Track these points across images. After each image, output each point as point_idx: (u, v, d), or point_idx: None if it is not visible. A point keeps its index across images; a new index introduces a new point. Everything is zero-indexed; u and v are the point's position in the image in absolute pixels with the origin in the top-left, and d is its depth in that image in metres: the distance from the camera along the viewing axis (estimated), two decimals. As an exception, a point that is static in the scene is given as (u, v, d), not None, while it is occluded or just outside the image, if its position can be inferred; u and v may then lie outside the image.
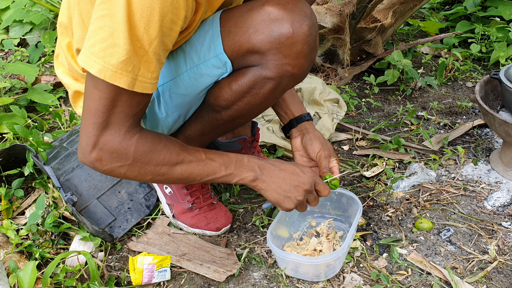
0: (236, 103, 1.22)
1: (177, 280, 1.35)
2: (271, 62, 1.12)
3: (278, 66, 1.12)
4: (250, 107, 1.22)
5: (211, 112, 1.28)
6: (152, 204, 1.57)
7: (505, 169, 1.74)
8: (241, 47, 1.12)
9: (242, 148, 1.64)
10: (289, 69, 1.12)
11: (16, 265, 1.26)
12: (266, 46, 1.09)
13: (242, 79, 1.17)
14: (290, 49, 1.09)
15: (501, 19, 2.77)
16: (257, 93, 1.18)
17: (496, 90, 1.84)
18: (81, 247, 1.40)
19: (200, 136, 1.37)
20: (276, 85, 1.16)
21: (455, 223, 1.54)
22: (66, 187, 1.51)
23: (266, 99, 1.21)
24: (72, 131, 1.73)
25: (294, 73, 1.14)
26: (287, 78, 1.15)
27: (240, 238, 1.50)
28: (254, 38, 1.10)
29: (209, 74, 1.17)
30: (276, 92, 1.19)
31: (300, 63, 1.12)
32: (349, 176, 1.77)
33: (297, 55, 1.10)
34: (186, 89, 1.21)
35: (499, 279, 1.34)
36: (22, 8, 2.69)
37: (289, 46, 1.09)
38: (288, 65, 1.12)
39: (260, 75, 1.15)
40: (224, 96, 1.21)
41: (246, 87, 1.17)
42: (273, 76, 1.14)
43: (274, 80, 1.15)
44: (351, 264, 1.39)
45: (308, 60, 1.13)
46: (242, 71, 1.17)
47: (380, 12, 2.35)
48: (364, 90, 2.40)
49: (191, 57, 1.17)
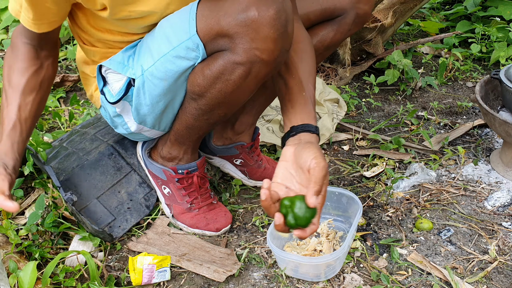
0: (209, 90, 1.22)
1: (177, 280, 1.35)
2: (239, 46, 1.12)
3: (246, 51, 1.11)
4: (224, 95, 1.22)
5: (190, 101, 1.30)
6: (152, 204, 1.57)
7: (505, 169, 1.74)
8: (211, 30, 1.13)
9: (240, 153, 1.63)
10: (257, 54, 1.11)
11: (16, 265, 1.26)
12: (234, 29, 1.10)
13: (213, 63, 1.18)
14: (257, 33, 1.09)
15: (501, 19, 2.77)
16: (227, 79, 1.18)
17: (496, 90, 1.84)
18: (80, 247, 1.40)
19: (187, 130, 1.38)
20: (246, 71, 1.15)
21: (455, 223, 1.54)
22: (66, 186, 1.51)
23: (239, 87, 1.20)
24: (72, 131, 1.73)
25: (263, 59, 1.12)
26: (257, 64, 1.14)
27: (240, 238, 1.50)
28: (223, 20, 1.11)
29: (185, 57, 1.19)
30: (249, 79, 1.18)
31: (268, 48, 1.10)
32: (349, 176, 1.77)
33: (264, 39, 1.09)
34: (165, 74, 1.23)
35: (499, 279, 1.34)
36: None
37: (255, 30, 1.09)
38: (256, 50, 1.11)
39: (229, 60, 1.15)
40: (198, 81, 1.22)
41: (217, 72, 1.18)
42: (242, 61, 1.13)
43: (243, 65, 1.14)
44: (351, 264, 1.39)
45: (277, 45, 1.11)
46: (214, 56, 1.18)
47: (380, 12, 2.35)
48: (364, 90, 2.39)
49: (170, 40, 1.19)
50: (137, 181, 1.58)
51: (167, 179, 1.49)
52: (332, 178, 1.76)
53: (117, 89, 1.34)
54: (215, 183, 1.70)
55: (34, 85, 1.29)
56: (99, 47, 1.35)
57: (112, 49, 1.34)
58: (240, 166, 1.67)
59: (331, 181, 1.74)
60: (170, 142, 1.46)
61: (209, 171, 1.70)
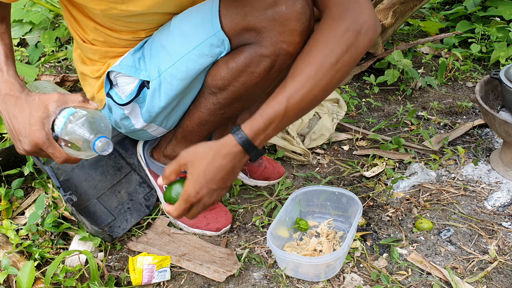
0: (232, 83, 1.24)
1: (177, 280, 1.35)
2: (266, 39, 1.15)
3: (273, 43, 1.15)
4: (247, 88, 1.25)
5: (208, 96, 1.30)
6: (152, 204, 1.57)
7: (505, 169, 1.74)
8: (238, 25, 1.16)
9: None
10: (284, 47, 1.16)
11: (8, 262, 1.26)
12: (261, 24, 1.13)
13: (239, 56, 1.20)
14: (284, 26, 1.13)
15: (501, 19, 2.77)
16: (253, 72, 1.21)
17: (496, 90, 1.84)
18: (80, 247, 1.40)
19: (198, 126, 1.38)
20: (271, 63, 1.19)
21: (455, 223, 1.54)
22: (66, 187, 1.51)
23: (262, 79, 1.23)
24: (72, 131, 1.73)
25: (289, 51, 1.16)
26: (282, 57, 1.18)
27: (240, 238, 1.50)
28: (250, 15, 1.14)
29: (209, 54, 1.21)
30: (272, 71, 1.21)
31: (295, 41, 1.15)
32: (349, 176, 1.77)
33: (291, 32, 1.14)
34: (186, 73, 1.24)
35: (499, 279, 1.34)
36: (22, 8, 2.69)
37: (283, 23, 1.12)
38: (283, 43, 1.15)
39: (256, 53, 1.18)
40: (221, 75, 1.23)
41: (243, 64, 1.20)
42: (268, 53, 1.17)
43: (269, 58, 1.18)
44: (351, 264, 1.39)
45: (303, 38, 1.16)
46: (239, 49, 1.20)
47: (380, 12, 2.34)
48: (364, 90, 2.39)
49: (191, 39, 1.20)
50: (137, 181, 1.59)
51: (168, 179, 1.49)
52: (332, 178, 1.76)
53: (128, 91, 1.33)
54: (215, 183, 1.70)
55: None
56: (98, 45, 1.34)
57: (112, 48, 1.33)
58: None
59: (331, 181, 1.74)
60: (176, 140, 1.45)
61: (209, 171, 1.70)
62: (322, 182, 1.73)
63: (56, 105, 1.14)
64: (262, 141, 1.11)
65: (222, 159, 1.08)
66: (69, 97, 1.16)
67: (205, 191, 1.09)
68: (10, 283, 1.30)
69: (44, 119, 1.12)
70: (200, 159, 1.08)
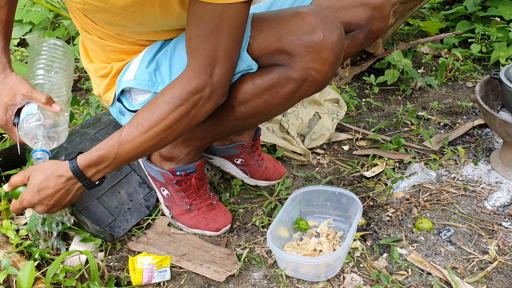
0: (254, 99, 1.25)
1: (177, 280, 1.35)
2: (298, 64, 1.17)
3: (303, 69, 1.17)
4: (267, 106, 1.26)
5: (226, 106, 1.29)
6: (151, 205, 1.57)
7: (505, 169, 1.74)
8: (271, 45, 1.17)
9: (241, 153, 1.63)
10: (313, 74, 1.17)
11: (8, 262, 1.26)
12: (295, 48, 1.15)
13: (267, 75, 1.22)
14: (318, 55, 1.15)
15: (501, 19, 2.77)
16: (277, 92, 1.23)
17: (496, 90, 1.84)
18: (80, 247, 1.40)
19: (204, 133, 1.39)
20: (297, 87, 1.21)
21: (455, 223, 1.54)
22: (66, 187, 1.51)
23: (284, 101, 1.25)
24: (72, 131, 1.73)
25: (317, 79, 1.19)
26: (309, 83, 1.20)
27: (240, 238, 1.50)
28: (285, 38, 1.15)
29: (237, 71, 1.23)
30: (296, 95, 1.24)
31: (324, 70, 1.17)
32: (349, 176, 1.77)
33: (324, 61, 1.16)
34: None
35: (499, 279, 1.34)
36: (22, 8, 2.69)
37: (318, 52, 1.14)
38: (313, 70, 1.17)
39: (284, 74, 1.20)
40: (245, 89, 1.24)
41: (269, 83, 1.22)
42: (297, 77, 1.19)
43: (297, 82, 1.20)
44: (351, 264, 1.39)
45: (332, 69, 1.18)
46: (268, 68, 1.22)
47: (380, 12, 2.34)
48: (364, 90, 2.40)
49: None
50: (137, 182, 1.58)
51: (165, 182, 1.49)
52: (332, 178, 1.76)
53: (140, 100, 1.34)
54: (215, 183, 1.70)
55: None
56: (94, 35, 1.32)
57: (111, 43, 1.32)
58: (241, 165, 1.67)
59: (331, 181, 1.74)
60: (175, 142, 1.45)
61: (209, 171, 1.70)
62: (322, 182, 1.73)
63: (22, 98, 1.26)
64: (96, 174, 1.24)
65: (55, 179, 1.23)
66: (36, 94, 1.26)
67: (36, 200, 1.24)
68: (10, 283, 1.30)
69: (8, 106, 1.27)
70: (40, 171, 1.24)
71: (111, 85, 1.39)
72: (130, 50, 1.34)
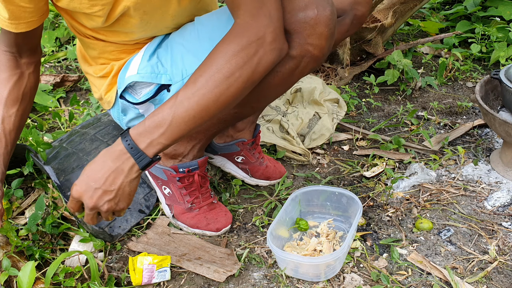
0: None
1: (177, 280, 1.35)
2: (295, 40, 1.20)
3: (301, 45, 1.20)
4: (268, 87, 1.28)
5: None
6: (151, 204, 1.57)
7: (505, 169, 1.74)
8: None
9: (241, 150, 1.63)
10: (310, 49, 1.20)
11: (9, 263, 1.26)
12: (292, 26, 1.18)
13: None
14: (314, 29, 1.18)
15: (501, 19, 2.77)
16: (277, 71, 1.25)
17: (496, 90, 1.84)
18: (80, 247, 1.40)
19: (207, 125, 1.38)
20: (296, 64, 1.23)
21: (455, 223, 1.54)
22: (66, 187, 1.51)
23: (285, 80, 1.27)
24: (72, 131, 1.73)
25: (314, 54, 1.21)
26: (307, 59, 1.22)
27: (240, 238, 1.50)
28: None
29: None
30: (295, 73, 1.26)
31: (321, 45, 1.20)
32: (349, 176, 1.77)
33: (319, 36, 1.19)
34: None
35: (499, 279, 1.34)
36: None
37: (313, 26, 1.18)
38: (310, 45, 1.20)
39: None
40: None
41: None
42: (295, 54, 1.21)
43: (295, 59, 1.22)
44: (351, 264, 1.39)
45: (328, 43, 1.21)
46: None
47: (380, 12, 2.34)
48: (364, 90, 2.40)
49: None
50: (137, 181, 1.58)
51: (167, 179, 1.49)
52: (332, 178, 1.76)
53: (143, 93, 1.34)
54: (215, 183, 1.70)
55: (17, 97, 1.30)
56: (94, 40, 1.33)
57: (108, 43, 1.33)
58: (241, 164, 1.67)
59: (331, 181, 1.74)
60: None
61: (209, 171, 1.70)
62: (322, 182, 1.73)
63: None
64: (150, 147, 1.09)
65: (104, 156, 1.11)
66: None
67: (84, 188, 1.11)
68: (10, 283, 1.30)
69: None
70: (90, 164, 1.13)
71: (112, 85, 1.39)
72: (129, 49, 1.35)
